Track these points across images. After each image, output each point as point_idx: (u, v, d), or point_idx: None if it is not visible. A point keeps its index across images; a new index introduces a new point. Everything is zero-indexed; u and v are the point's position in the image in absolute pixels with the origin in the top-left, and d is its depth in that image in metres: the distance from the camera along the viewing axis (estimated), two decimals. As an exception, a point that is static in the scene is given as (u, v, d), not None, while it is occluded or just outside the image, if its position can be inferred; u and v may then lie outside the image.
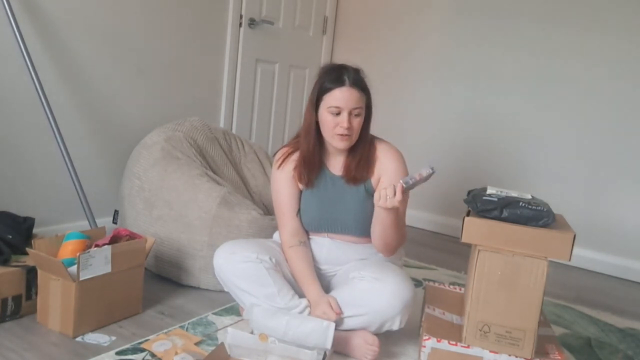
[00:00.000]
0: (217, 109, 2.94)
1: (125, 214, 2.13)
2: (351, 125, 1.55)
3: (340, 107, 1.54)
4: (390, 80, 3.38)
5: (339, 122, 1.55)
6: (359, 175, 1.63)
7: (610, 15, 2.69)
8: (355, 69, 1.60)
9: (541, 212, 1.38)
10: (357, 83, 1.56)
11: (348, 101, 1.54)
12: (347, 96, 1.54)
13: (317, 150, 1.65)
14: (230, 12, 2.86)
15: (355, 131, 1.58)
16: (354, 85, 1.55)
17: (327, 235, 1.71)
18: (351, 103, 1.54)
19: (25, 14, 2.01)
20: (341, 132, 1.56)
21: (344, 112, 1.54)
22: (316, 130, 1.62)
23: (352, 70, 1.58)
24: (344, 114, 1.54)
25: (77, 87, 2.24)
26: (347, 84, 1.54)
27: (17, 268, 1.61)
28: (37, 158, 2.15)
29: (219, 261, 1.63)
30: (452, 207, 3.16)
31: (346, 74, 1.55)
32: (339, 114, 1.55)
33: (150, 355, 1.49)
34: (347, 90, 1.54)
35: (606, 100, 2.75)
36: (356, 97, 1.55)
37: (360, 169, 1.63)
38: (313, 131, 1.63)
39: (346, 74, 1.55)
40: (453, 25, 3.15)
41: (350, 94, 1.54)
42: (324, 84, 1.57)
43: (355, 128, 1.57)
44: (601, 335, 1.98)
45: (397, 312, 1.50)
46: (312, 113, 1.61)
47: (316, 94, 1.59)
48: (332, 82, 1.55)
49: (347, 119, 1.54)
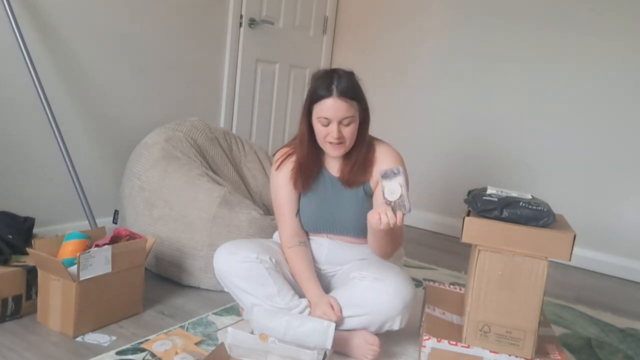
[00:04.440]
0: (217, 109, 2.94)
1: (125, 214, 2.13)
2: (342, 135, 1.54)
3: (328, 117, 1.52)
4: (390, 80, 3.38)
5: (329, 132, 1.54)
6: (354, 178, 1.62)
7: (609, 17, 2.69)
8: (347, 75, 1.55)
9: (541, 212, 1.38)
10: (345, 92, 1.51)
11: (336, 112, 1.51)
12: (335, 107, 1.51)
13: (312, 157, 1.64)
14: (230, 12, 2.86)
15: (348, 138, 1.56)
16: (341, 95, 1.50)
17: (326, 235, 1.71)
18: (340, 113, 1.51)
19: (26, 14, 2.01)
20: (332, 142, 1.55)
21: (334, 122, 1.52)
22: (311, 137, 1.62)
23: (342, 78, 1.52)
24: (334, 124, 1.52)
25: (78, 87, 2.24)
26: (335, 95, 1.50)
27: (17, 268, 1.61)
28: (38, 158, 2.15)
29: (218, 261, 1.62)
30: (452, 207, 3.17)
31: (334, 83, 1.51)
32: (329, 124, 1.53)
33: (151, 355, 1.49)
34: (335, 101, 1.50)
35: (606, 100, 2.75)
36: (345, 107, 1.51)
37: (355, 172, 1.62)
38: (306, 139, 1.62)
39: (334, 83, 1.51)
40: (453, 26, 3.15)
41: (338, 104, 1.51)
42: (313, 93, 1.55)
43: (347, 136, 1.55)
44: (601, 335, 1.98)
45: (398, 313, 1.50)
46: (306, 121, 1.60)
47: (307, 103, 1.58)
48: (321, 91, 1.52)
49: (337, 128, 1.52)
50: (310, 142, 1.62)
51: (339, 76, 1.53)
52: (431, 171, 3.27)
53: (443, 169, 3.26)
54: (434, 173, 3.27)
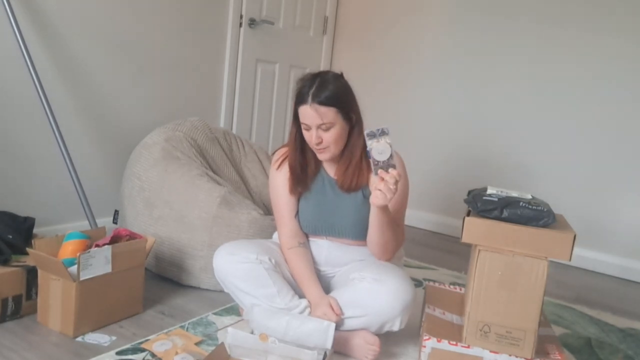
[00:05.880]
0: (217, 109, 2.94)
1: (125, 214, 2.13)
2: (322, 140, 1.54)
3: (307, 124, 1.54)
4: (390, 80, 3.38)
5: (311, 137, 1.56)
6: (350, 182, 1.62)
7: (609, 16, 2.69)
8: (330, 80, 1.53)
9: (541, 212, 1.38)
10: (321, 99, 1.50)
11: (312, 118, 1.52)
12: (310, 114, 1.52)
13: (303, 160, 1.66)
14: (230, 12, 2.86)
15: (332, 143, 1.55)
16: (317, 102, 1.50)
17: (325, 237, 1.71)
18: (316, 120, 1.52)
19: (26, 14, 2.01)
20: (314, 147, 1.57)
21: (312, 128, 1.54)
22: (300, 139, 1.63)
23: (322, 84, 1.51)
24: (313, 130, 1.54)
25: (78, 87, 2.24)
26: (309, 102, 1.51)
27: (17, 268, 1.61)
28: (38, 158, 2.15)
29: (218, 262, 1.62)
30: (452, 207, 3.17)
31: (312, 90, 1.51)
32: (309, 129, 1.55)
33: (151, 355, 1.49)
34: (309, 108, 1.52)
35: (606, 100, 2.75)
36: (320, 114, 1.51)
37: (349, 176, 1.62)
38: (293, 140, 1.64)
39: (312, 90, 1.51)
40: (453, 26, 3.15)
41: (312, 111, 1.51)
42: (295, 97, 1.57)
43: (328, 141, 1.55)
44: (601, 335, 1.98)
45: (398, 313, 1.50)
46: (295, 123, 1.62)
47: (293, 106, 1.60)
48: (299, 97, 1.55)
49: (316, 134, 1.54)
50: (300, 144, 1.64)
51: (320, 82, 1.53)
52: (431, 171, 3.27)
53: (443, 169, 3.26)
54: (434, 173, 3.27)
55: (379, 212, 1.50)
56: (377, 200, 1.42)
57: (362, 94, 1.64)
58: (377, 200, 1.42)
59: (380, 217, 1.51)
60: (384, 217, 1.51)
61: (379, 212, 1.50)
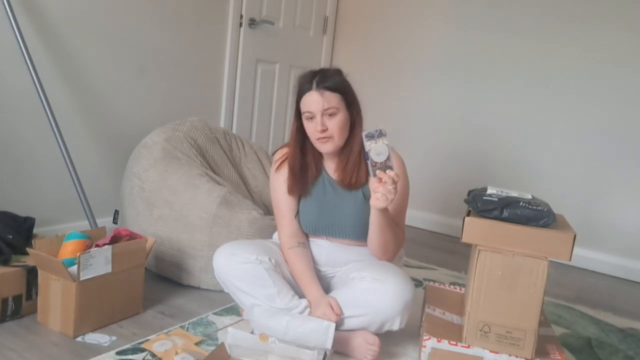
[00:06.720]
0: (217, 109, 2.94)
1: (125, 214, 2.13)
2: (327, 127, 1.55)
3: (311, 111, 1.55)
4: (390, 79, 3.38)
5: (315, 126, 1.56)
6: (348, 179, 1.62)
7: (610, 13, 2.69)
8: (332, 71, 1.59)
9: (541, 212, 1.38)
10: (327, 85, 1.54)
11: (318, 103, 1.54)
12: (316, 99, 1.54)
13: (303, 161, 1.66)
14: (230, 12, 2.86)
15: (336, 132, 1.56)
16: (321, 87, 1.54)
17: (325, 238, 1.71)
18: (322, 105, 1.54)
19: (26, 14, 2.01)
20: (318, 137, 1.57)
21: (317, 115, 1.55)
22: (301, 139, 1.64)
23: (325, 73, 1.57)
24: (317, 117, 1.55)
25: (78, 87, 2.24)
26: (315, 87, 1.54)
27: (17, 268, 1.61)
28: (38, 158, 2.15)
29: (218, 262, 1.62)
30: (452, 207, 3.17)
31: (316, 78, 1.55)
32: (314, 118, 1.56)
33: (151, 355, 1.49)
34: (315, 93, 1.54)
35: (606, 99, 2.75)
36: (326, 98, 1.54)
37: (349, 171, 1.62)
38: (294, 141, 1.65)
39: (316, 78, 1.55)
40: (453, 25, 3.15)
41: (318, 96, 1.54)
42: (298, 91, 1.59)
43: (333, 128, 1.56)
44: (601, 335, 1.98)
45: (398, 313, 1.50)
46: (296, 122, 1.63)
47: (295, 103, 1.61)
48: (303, 87, 1.57)
49: (321, 121, 1.54)
50: (301, 142, 1.65)
51: (322, 72, 1.58)
52: (431, 171, 3.27)
53: (443, 168, 3.26)
54: (434, 173, 3.27)
55: (379, 214, 1.50)
56: (378, 203, 1.43)
57: (362, 94, 1.65)
58: (378, 203, 1.43)
59: (380, 218, 1.51)
60: (384, 218, 1.51)
61: (379, 214, 1.50)
